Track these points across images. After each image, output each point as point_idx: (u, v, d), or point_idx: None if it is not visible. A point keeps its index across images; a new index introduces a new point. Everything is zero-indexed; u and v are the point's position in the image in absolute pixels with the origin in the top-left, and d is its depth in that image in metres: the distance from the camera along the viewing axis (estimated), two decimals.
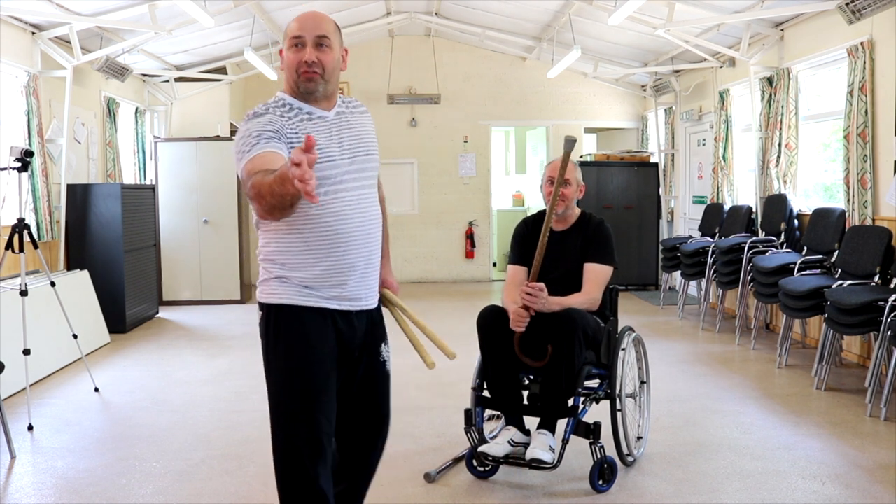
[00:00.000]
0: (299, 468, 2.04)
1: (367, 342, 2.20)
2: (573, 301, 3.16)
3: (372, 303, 2.19)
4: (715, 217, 7.13)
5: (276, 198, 1.72)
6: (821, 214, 5.46)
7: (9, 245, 4.33)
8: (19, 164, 4.31)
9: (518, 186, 11.80)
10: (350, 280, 2.08)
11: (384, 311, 2.30)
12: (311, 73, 2.02)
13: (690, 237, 7.43)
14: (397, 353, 2.42)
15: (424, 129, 9.91)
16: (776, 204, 6.08)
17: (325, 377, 2.08)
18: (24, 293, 4.14)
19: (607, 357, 3.27)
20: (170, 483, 3.24)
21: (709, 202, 7.54)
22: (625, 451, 3.28)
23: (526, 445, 3.11)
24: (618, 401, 3.18)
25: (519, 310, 3.07)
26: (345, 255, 2.06)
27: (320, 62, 2.02)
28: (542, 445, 3.03)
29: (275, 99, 2.10)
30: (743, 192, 7.16)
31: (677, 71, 8.26)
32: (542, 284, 3.06)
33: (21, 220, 4.36)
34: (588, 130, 10.41)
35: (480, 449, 3.09)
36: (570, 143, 2.88)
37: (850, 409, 4.20)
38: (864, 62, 4.97)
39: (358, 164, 2.09)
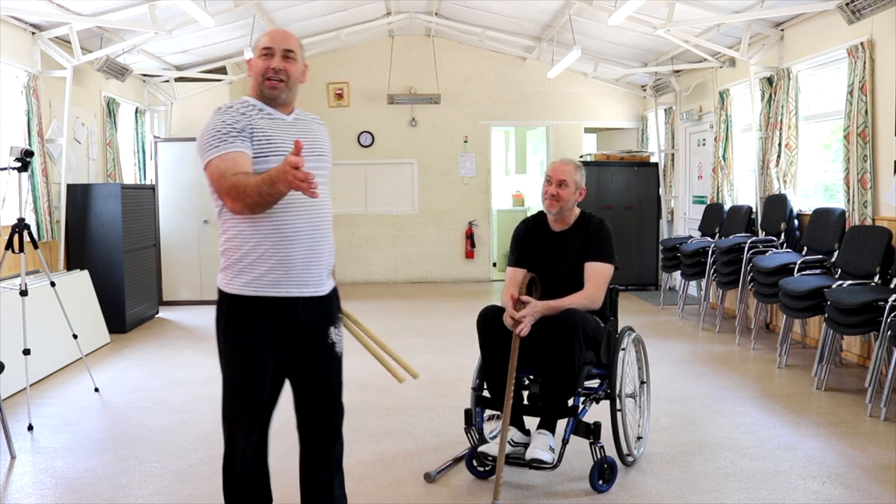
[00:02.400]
0: (239, 435, 2.34)
1: (314, 327, 2.36)
2: (570, 302, 3.16)
3: (320, 290, 2.35)
4: (715, 217, 7.13)
5: (263, 197, 2.03)
6: (821, 214, 5.46)
7: (9, 245, 4.33)
8: (19, 164, 4.31)
9: (518, 186, 11.80)
10: (296, 269, 2.27)
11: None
12: (276, 80, 2.29)
13: (690, 237, 7.43)
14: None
15: (424, 129, 9.91)
16: (776, 204, 6.08)
17: (263, 366, 2.29)
18: (24, 293, 4.14)
19: (607, 357, 3.27)
20: (170, 483, 3.24)
21: (709, 202, 7.54)
22: (625, 451, 3.28)
23: (526, 445, 3.11)
24: (618, 401, 3.18)
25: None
26: (292, 244, 2.25)
27: (285, 71, 2.29)
28: (542, 445, 3.03)
29: (241, 100, 2.34)
30: (743, 192, 7.16)
31: (677, 71, 8.26)
32: (523, 312, 3.07)
33: (21, 220, 4.36)
34: (588, 130, 10.41)
35: (480, 449, 3.10)
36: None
37: (850, 409, 4.20)
38: (864, 62, 4.97)
39: (310, 163, 2.25)
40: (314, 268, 2.31)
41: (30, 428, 3.92)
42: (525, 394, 3.33)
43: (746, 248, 5.93)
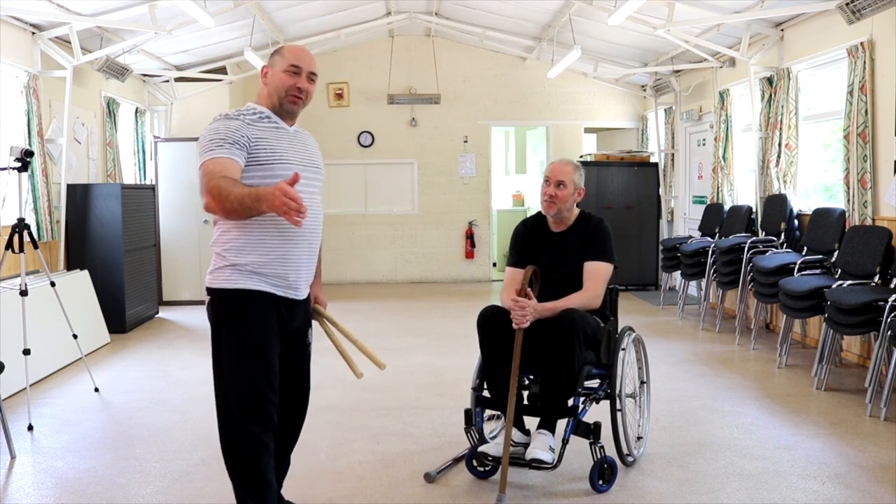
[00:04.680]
0: (248, 437, 2.36)
1: (298, 328, 2.54)
2: (569, 302, 3.16)
3: (306, 293, 2.54)
4: (715, 217, 7.13)
5: (244, 208, 2.13)
6: (821, 214, 5.46)
7: (9, 245, 4.33)
8: (19, 164, 4.31)
9: (518, 186, 11.81)
10: (294, 271, 2.42)
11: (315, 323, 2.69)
12: (298, 98, 2.45)
13: (690, 237, 7.43)
14: (397, 355, 2.45)
15: (424, 129, 9.91)
16: (776, 204, 6.08)
17: (272, 354, 2.41)
18: (24, 293, 4.14)
19: (607, 357, 3.27)
20: (170, 483, 3.24)
21: (709, 202, 7.54)
22: (625, 451, 3.28)
23: (526, 445, 3.11)
24: (618, 401, 3.18)
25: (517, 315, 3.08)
26: (293, 248, 2.41)
27: (307, 92, 2.47)
28: (542, 445, 3.03)
29: (246, 107, 2.46)
30: (743, 192, 7.16)
31: (677, 71, 8.25)
32: (525, 301, 3.07)
33: (21, 220, 4.36)
34: (588, 130, 10.41)
35: (480, 449, 3.10)
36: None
37: (850, 409, 4.20)
38: (864, 62, 4.97)
39: (309, 173, 2.47)
40: (306, 272, 2.48)
41: (30, 428, 3.92)
42: (525, 394, 3.33)
43: (746, 248, 5.93)
